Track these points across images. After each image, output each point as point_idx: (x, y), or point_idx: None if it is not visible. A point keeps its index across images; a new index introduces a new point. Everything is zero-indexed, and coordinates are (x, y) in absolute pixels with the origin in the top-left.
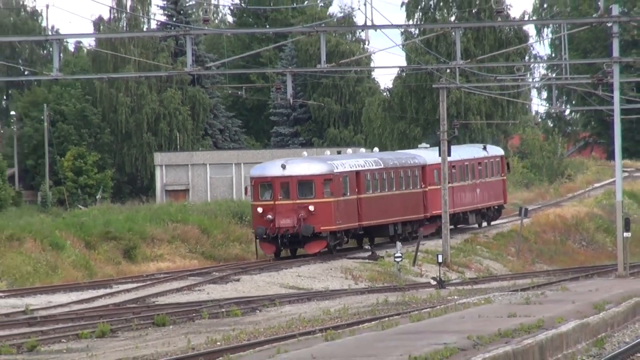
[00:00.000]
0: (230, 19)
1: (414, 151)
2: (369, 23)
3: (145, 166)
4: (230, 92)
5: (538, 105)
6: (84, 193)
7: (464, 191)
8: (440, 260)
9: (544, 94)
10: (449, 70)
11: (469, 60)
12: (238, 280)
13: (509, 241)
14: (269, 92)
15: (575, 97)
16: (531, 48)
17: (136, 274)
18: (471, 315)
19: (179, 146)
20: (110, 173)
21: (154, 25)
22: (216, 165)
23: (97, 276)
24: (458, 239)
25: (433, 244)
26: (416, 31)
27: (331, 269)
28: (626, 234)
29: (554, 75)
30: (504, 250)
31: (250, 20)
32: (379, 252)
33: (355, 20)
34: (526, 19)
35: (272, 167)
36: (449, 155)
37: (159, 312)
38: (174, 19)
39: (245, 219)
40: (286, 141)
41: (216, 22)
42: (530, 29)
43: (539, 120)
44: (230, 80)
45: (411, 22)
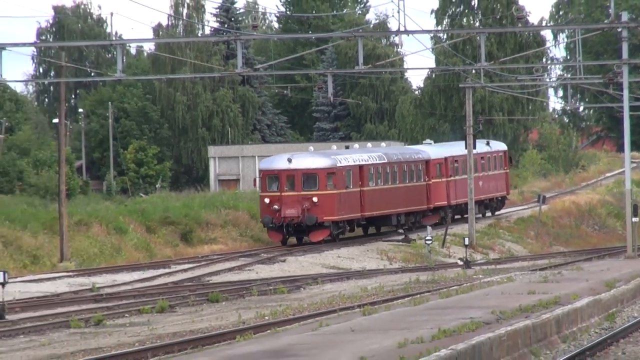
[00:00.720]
0: (277, 25)
1: (419, 147)
2: (402, 29)
3: (200, 158)
4: (276, 91)
5: (555, 102)
6: (144, 182)
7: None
8: (466, 242)
9: (560, 93)
10: (474, 71)
11: (492, 62)
12: (284, 261)
13: (529, 225)
14: (311, 91)
15: (588, 95)
16: (548, 51)
17: (192, 256)
18: (494, 292)
19: (230, 140)
20: (168, 164)
21: (207, 31)
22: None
23: (157, 257)
24: (483, 223)
25: (460, 228)
26: (444, 36)
27: (368, 250)
28: (635, 219)
29: (569, 75)
30: (524, 233)
31: (295, 26)
32: (412, 235)
33: (390, 26)
34: (544, 24)
35: (279, 161)
36: (475, 148)
37: (212, 290)
38: (225, 25)
39: None
40: (327, 136)
41: (264, 28)
42: (547, 33)
43: (556, 116)
44: (277, 81)
45: (440, 28)
